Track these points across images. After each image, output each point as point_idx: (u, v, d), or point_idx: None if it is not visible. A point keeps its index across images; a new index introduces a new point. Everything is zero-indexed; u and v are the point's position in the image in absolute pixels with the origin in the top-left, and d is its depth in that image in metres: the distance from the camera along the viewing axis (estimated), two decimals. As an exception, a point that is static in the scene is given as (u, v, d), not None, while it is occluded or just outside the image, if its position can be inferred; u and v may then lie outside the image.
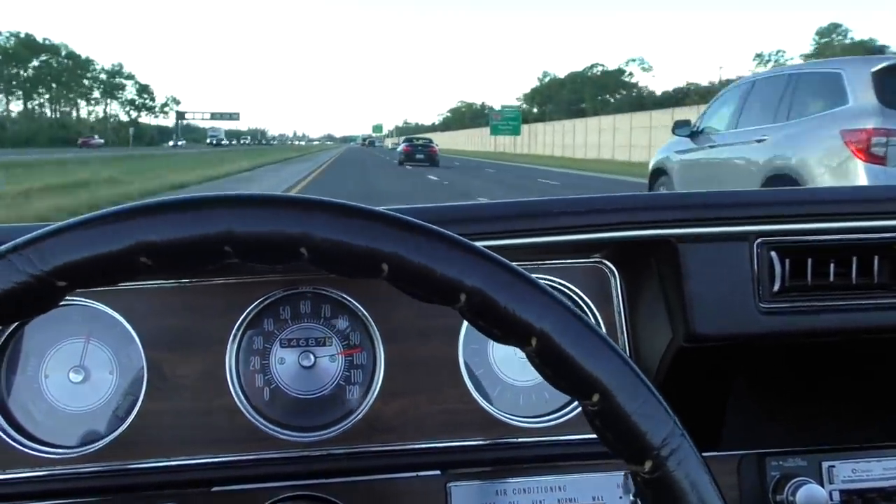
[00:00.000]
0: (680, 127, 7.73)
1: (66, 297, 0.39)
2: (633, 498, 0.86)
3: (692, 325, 0.80)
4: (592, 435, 0.85)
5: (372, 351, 0.85)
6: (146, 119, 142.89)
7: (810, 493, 0.86)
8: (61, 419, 0.82)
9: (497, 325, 0.41)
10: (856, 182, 5.20)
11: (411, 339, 0.85)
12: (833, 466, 0.90)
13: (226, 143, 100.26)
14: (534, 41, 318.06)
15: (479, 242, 0.42)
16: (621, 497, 0.87)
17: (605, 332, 0.45)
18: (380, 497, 0.84)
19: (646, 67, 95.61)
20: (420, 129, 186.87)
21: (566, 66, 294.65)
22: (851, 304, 0.82)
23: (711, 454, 0.88)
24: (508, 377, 0.88)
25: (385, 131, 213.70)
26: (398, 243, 0.40)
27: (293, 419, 0.84)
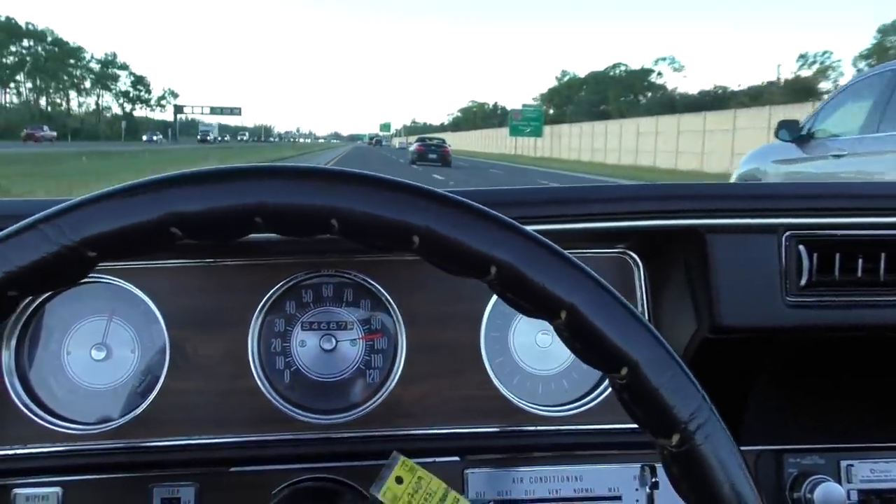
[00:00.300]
0: (786, 129, 6.14)
1: (91, 275, 0.40)
2: (648, 490, 0.87)
3: (718, 316, 0.80)
4: (610, 426, 0.88)
5: (393, 335, 0.86)
6: (142, 112, 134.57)
7: (828, 492, 0.86)
8: (82, 396, 0.83)
9: (526, 298, 0.41)
10: None
11: (433, 325, 0.85)
12: (852, 465, 0.90)
13: (211, 139, 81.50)
14: (550, 40, 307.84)
15: None
16: (637, 489, 0.87)
17: None
18: None
19: (677, 67, 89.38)
20: (428, 128, 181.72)
21: (586, 65, 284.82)
22: (879, 300, 0.81)
23: None
24: (528, 365, 0.89)
25: (392, 130, 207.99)
26: (429, 215, 0.40)
27: (313, 402, 0.85)
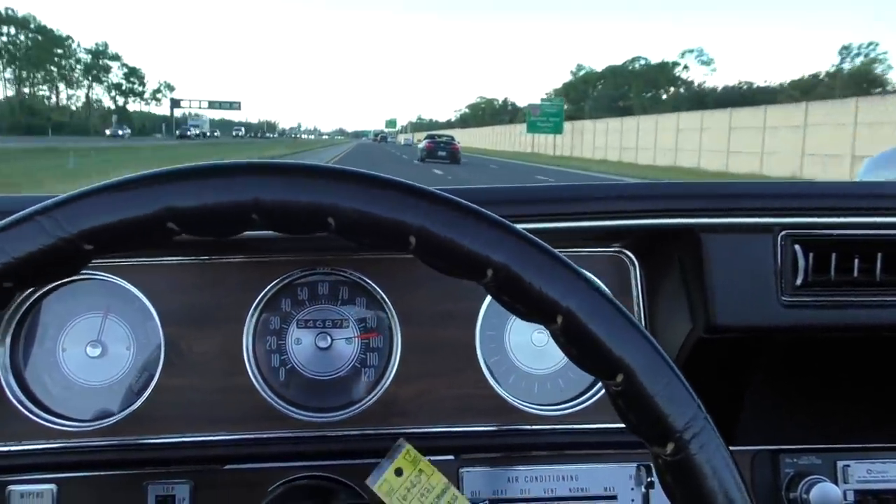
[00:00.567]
0: None
1: (85, 271, 0.39)
2: (644, 490, 0.87)
3: (713, 315, 0.80)
4: (606, 425, 0.88)
5: (388, 334, 0.86)
6: (136, 106, 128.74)
7: (824, 492, 0.86)
8: (77, 393, 0.83)
9: (523, 301, 0.41)
10: None
11: (428, 324, 0.85)
12: (848, 466, 0.90)
13: (193, 134, 72.41)
14: (561, 34, 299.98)
15: None
16: (633, 488, 0.87)
17: None
18: None
19: (705, 60, 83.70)
20: (435, 125, 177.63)
21: (601, 59, 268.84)
22: (874, 300, 0.81)
23: None
24: (524, 365, 0.88)
25: (398, 127, 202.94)
26: (427, 216, 0.39)
27: (308, 400, 0.85)
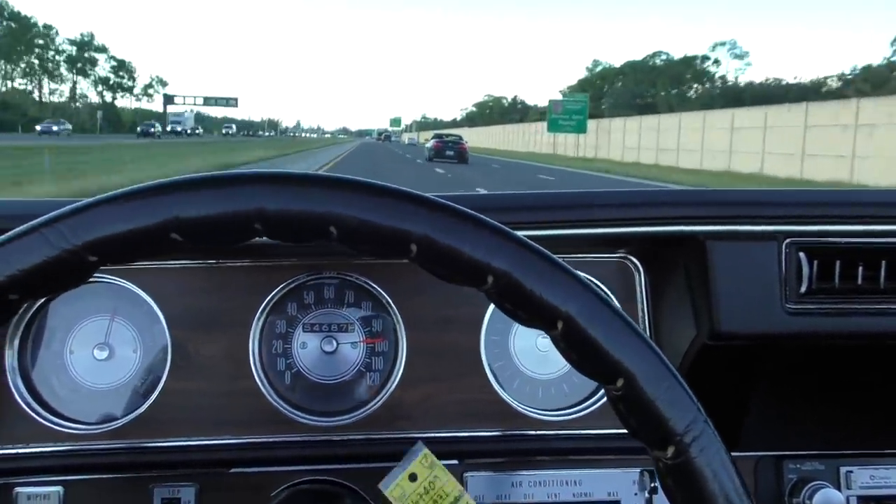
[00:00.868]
0: None
1: (93, 275, 0.42)
2: (647, 495, 0.87)
3: (717, 322, 0.80)
4: (610, 430, 0.88)
5: (394, 338, 0.86)
6: (126, 102, 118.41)
7: (827, 498, 0.86)
8: (84, 395, 0.83)
9: (523, 307, 0.41)
10: None
11: (433, 328, 0.85)
12: (851, 472, 0.90)
13: (154, 131, 63.06)
14: (573, 29, 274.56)
15: None
16: (636, 494, 0.87)
17: None
18: None
19: (738, 53, 77.97)
20: (440, 124, 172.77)
21: (619, 55, 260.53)
22: (878, 308, 0.81)
23: None
24: (528, 369, 0.89)
25: (402, 125, 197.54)
26: (427, 224, 0.40)
27: (313, 403, 0.85)
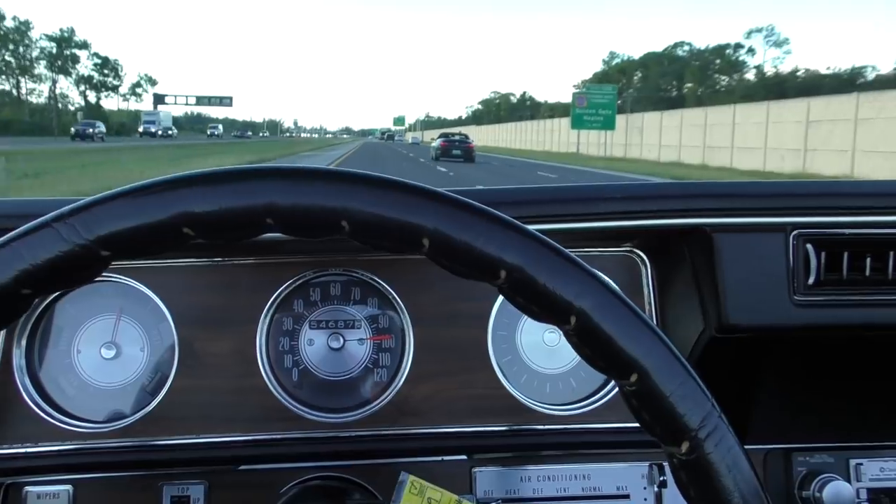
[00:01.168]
0: None
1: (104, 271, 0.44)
2: (656, 489, 0.87)
3: (725, 315, 0.80)
4: (618, 424, 0.88)
5: (400, 334, 0.86)
6: (112, 103, 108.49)
7: (837, 490, 0.86)
8: (92, 394, 0.83)
9: (536, 302, 0.41)
10: None
11: (440, 324, 0.86)
12: (861, 464, 0.90)
13: (94, 132, 53.87)
14: (586, 19, 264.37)
15: None
16: (645, 487, 0.88)
17: None
18: None
19: (778, 41, 71.74)
20: (444, 123, 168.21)
21: (636, 47, 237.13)
22: (887, 298, 0.81)
23: None
24: (536, 364, 0.89)
25: (406, 125, 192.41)
26: (440, 219, 0.40)
27: (321, 400, 0.85)
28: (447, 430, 0.84)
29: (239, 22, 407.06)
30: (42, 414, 0.81)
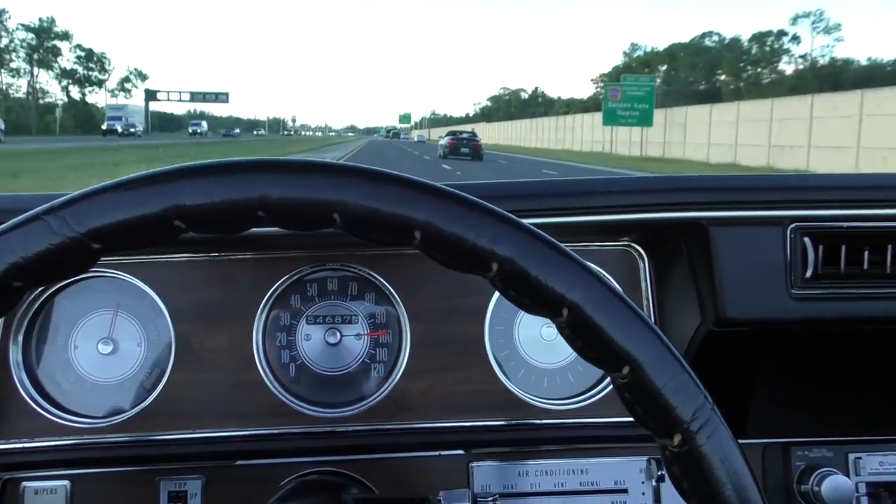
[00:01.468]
0: None
1: (96, 269, 0.40)
2: (655, 483, 0.87)
3: (722, 308, 0.80)
4: (616, 419, 0.88)
5: (398, 329, 0.86)
6: (99, 98, 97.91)
7: (836, 485, 0.85)
8: (89, 390, 0.83)
9: (528, 295, 0.41)
10: None
11: (437, 318, 0.86)
12: (860, 458, 0.89)
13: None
14: (603, 10, 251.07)
15: None
16: (643, 482, 0.87)
17: None
18: (402, 475, 0.85)
19: (829, 27, 64.85)
20: (450, 120, 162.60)
21: (660, 38, 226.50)
22: (884, 292, 0.81)
23: None
24: (533, 359, 0.89)
25: (412, 122, 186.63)
26: (431, 211, 0.40)
27: (318, 395, 0.85)
28: (444, 425, 0.84)
29: (240, 16, 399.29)
30: (39, 409, 0.81)
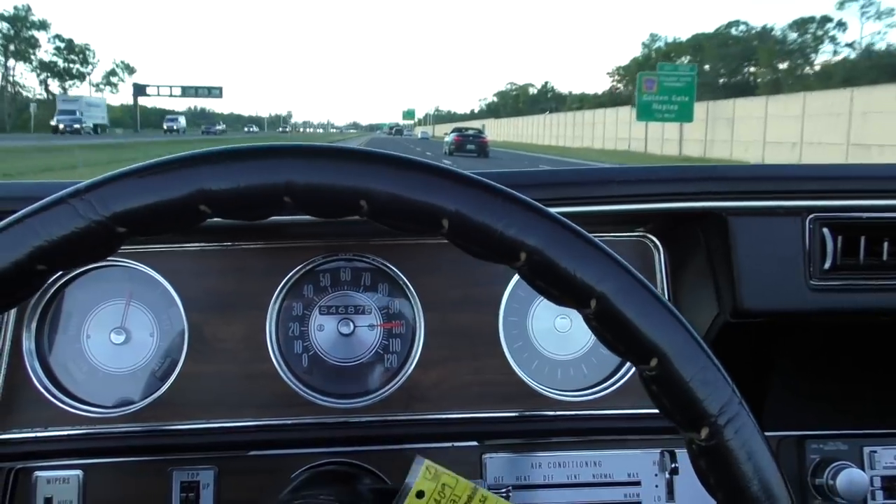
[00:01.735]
0: None
1: (109, 258, 0.40)
2: (668, 476, 0.87)
3: (740, 299, 0.79)
4: (630, 410, 0.88)
5: (411, 320, 0.86)
6: (82, 93, 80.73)
7: (851, 478, 0.85)
8: (102, 379, 0.83)
9: (556, 285, 0.40)
10: None
11: (451, 309, 0.85)
12: (875, 452, 0.89)
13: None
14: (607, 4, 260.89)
15: None
16: (657, 474, 0.87)
17: None
18: None
19: (880, 13, 57.64)
20: (455, 117, 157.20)
21: (678, 28, 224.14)
22: None
23: None
24: (547, 350, 0.88)
25: (416, 118, 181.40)
26: (460, 200, 0.39)
27: (331, 386, 0.85)
28: (458, 416, 0.84)
29: (241, 10, 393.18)
30: (52, 399, 0.81)
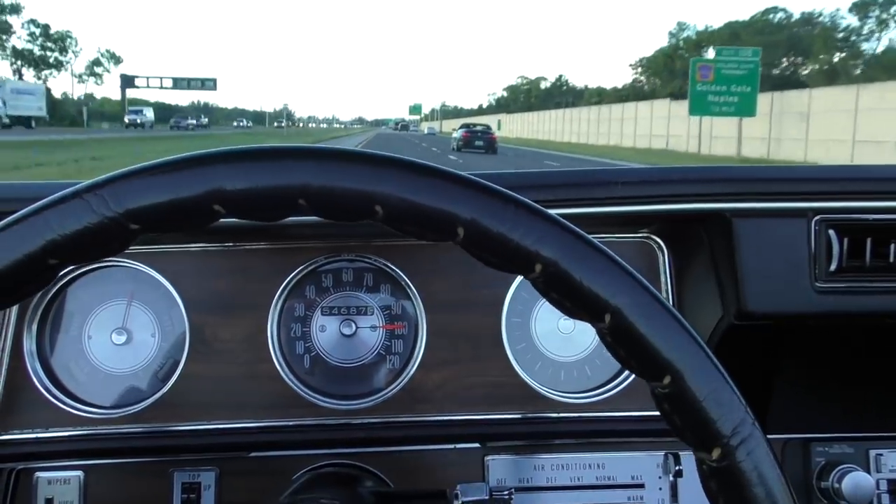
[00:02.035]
0: None
1: (111, 258, 0.40)
2: (672, 479, 0.86)
3: (745, 301, 0.78)
4: (633, 413, 0.88)
5: (413, 321, 0.86)
6: (62, 84, 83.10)
7: (857, 481, 0.84)
8: (103, 380, 0.83)
9: (570, 298, 0.40)
10: None
11: (453, 310, 0.85)
12: (881, 455, 0.89)
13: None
14: None
15: None
16: (660, 477, 0.87)
17: None
18: (417, 468, 0.85)
19: None
20: (463, 112, 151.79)
21: (707, 16, 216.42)
22: None
23: None
24: (550, 352, 0.88)
25: (423, 114, 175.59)
26: (477, 209, 0.39)
27: (333, 387, 0.85)
28: (460, 418, 0.83)
29: (243, 3, 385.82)
30: (53, 399, 0.80)
